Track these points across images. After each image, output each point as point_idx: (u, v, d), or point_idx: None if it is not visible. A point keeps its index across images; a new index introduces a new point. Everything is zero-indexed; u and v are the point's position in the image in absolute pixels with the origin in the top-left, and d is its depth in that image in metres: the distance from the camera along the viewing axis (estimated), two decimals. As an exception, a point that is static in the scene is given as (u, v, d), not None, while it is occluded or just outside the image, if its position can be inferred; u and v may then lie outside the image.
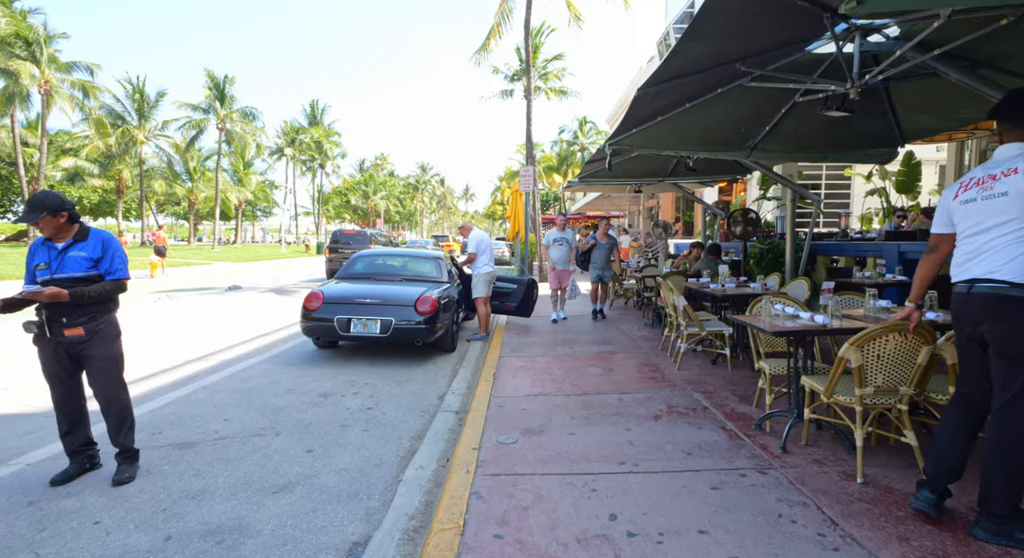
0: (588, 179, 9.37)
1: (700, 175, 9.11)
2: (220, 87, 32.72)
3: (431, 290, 6.55)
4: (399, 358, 6.45)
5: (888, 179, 13.55)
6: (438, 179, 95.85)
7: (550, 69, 28.11)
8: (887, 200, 13.56)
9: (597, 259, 8.72)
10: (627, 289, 10.29)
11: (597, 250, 8.71)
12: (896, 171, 13.21)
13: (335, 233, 18.13)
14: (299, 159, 49.44)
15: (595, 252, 8.73)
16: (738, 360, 5.43)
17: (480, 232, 7.80)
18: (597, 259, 8.72)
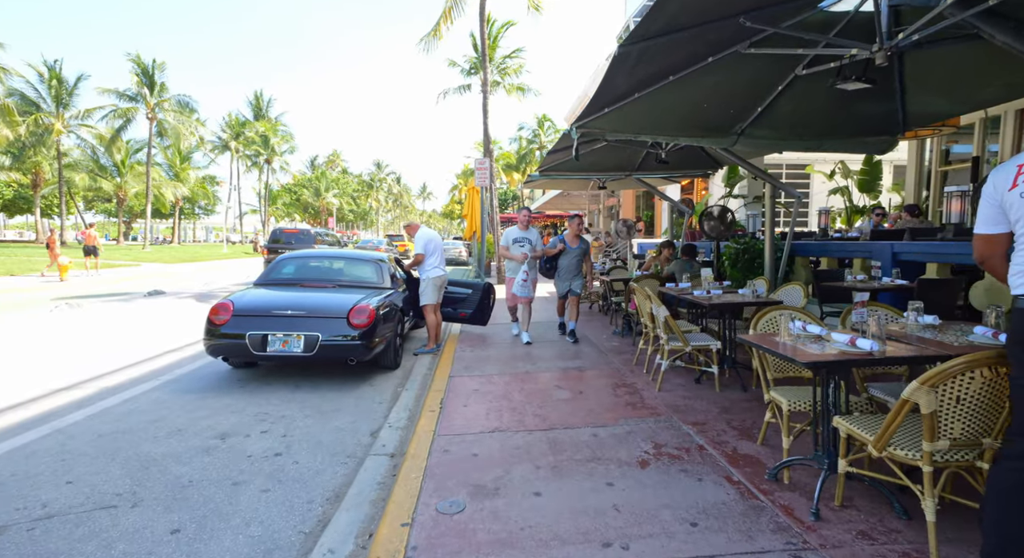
0: (550, 173, 8.57)
1: (670, 169, 8.47)
2: (149, 73, 30.04)
3: (369, 298, 5.55)
4: (329, 379, 5.42)
5: (850, 178, 13.42)
6: (394, 177, 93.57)
7: (508, 64, 27.24)
8: (849, 199, 13.42)
9: (566, 267, 6.90)
10: (591, 293, 9.55)
11: (566, 256, 6.90)
12: (858, 170, 13.07)
13: (275, 232, 16.68)
14: (244, 154, 46.64)
15: (563, 259, 6.91)
16: (725, 377, 4.71)
17: (428, 231, 6.84)
18: (566, 267, 6.90)
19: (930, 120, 4.59)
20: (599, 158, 7.80)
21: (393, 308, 5.90)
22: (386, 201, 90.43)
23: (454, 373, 5.40)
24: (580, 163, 8.21)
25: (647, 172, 8.54)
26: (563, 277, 6.96)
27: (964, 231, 4.77)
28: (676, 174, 8.64)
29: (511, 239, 6.91)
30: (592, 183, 11.48)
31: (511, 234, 6.98)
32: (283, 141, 48.87)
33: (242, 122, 47.42)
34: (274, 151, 47.97)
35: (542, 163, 7.83)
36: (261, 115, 48.65)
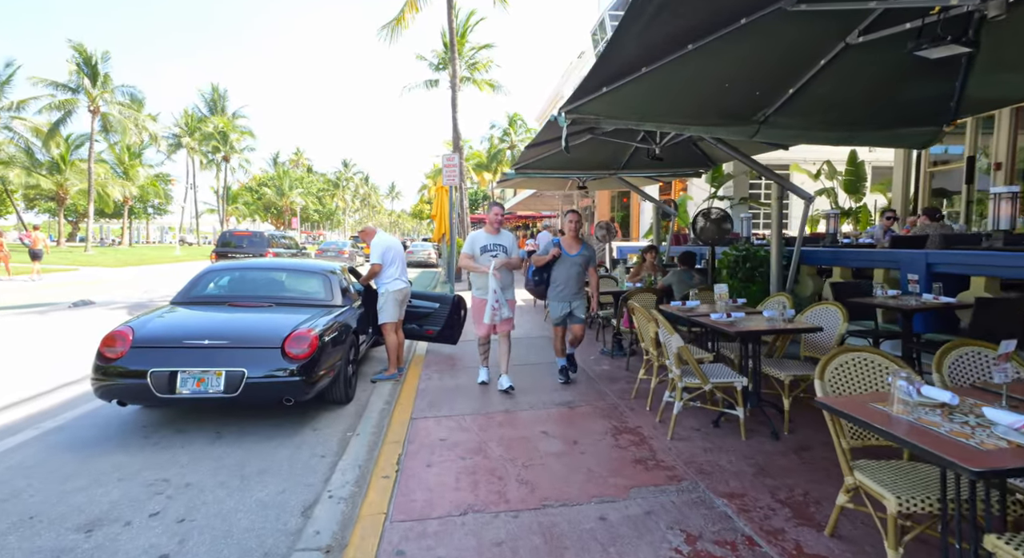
0: (526, 171, 7.66)
1: (659, 168, 7.68)
2: (92, 63, 27.74)
3: (313, 320, 4.53)
4: (261, 422, 4.37)
5: (836, 178, 12.97)
6: (362, 177, 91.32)
7: (478, 59, 26.27)
8: (835, 201, 12.97)
9: (563, 282, 5.01)
10: None
11: (563, 266, 5.03)
12: (844, 171, 12.63)
13: (223, 235, 15.29)
14: (200, 151, 44.14)
15: (559, 269, 5.04)
16: (748, 418, 3.88)
17: (386, 237, 5.84)
18: (563, 282, 5.01)
19: (990, 106, 3.90)
20: (582, 155, 6.94)
21: (344, 330, 4.89)
22: (353, 201, 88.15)
23: (417, 413, 4.42)
24: (560, 160, 7.34)
25: (633, 171, 7.74)
26: (559, 295, 5.00)
27: (1017, 239, 4.08)
28: (666, 173, 7.87)
29: (477, 246, 5.02)
30: (570, 183, 10.65)
31: (477, 240, 5.07)
32: (242, 137, 46.51)
33: (198, 118, 44.93)
34: (233, 148, 45.62)
35: (519, 159, 6.93)
36: (218, 110, 46.21)
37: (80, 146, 32.46)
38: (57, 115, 28.05)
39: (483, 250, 5.01)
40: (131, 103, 31.64)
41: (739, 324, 3.57)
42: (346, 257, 25.21)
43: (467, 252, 5.06)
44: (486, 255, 4.99)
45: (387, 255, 5.75)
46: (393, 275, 5.79)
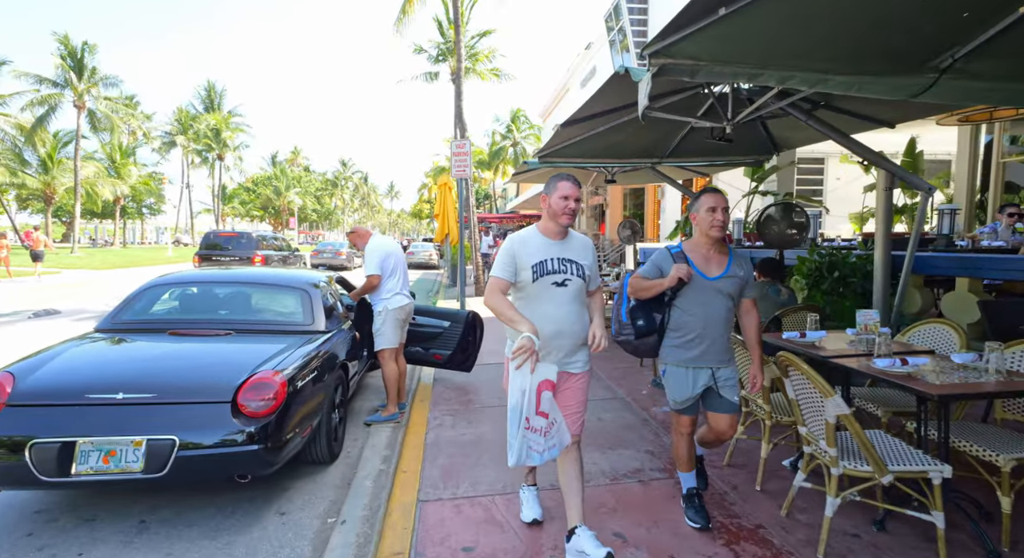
0: (552, 159, 6.39)
1: (713, 155, 6.42)
2: (77, 56, 26.40)
3: (282, 356, 3.29)
4: (206, 505, 3.11)
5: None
6: (360, 176, 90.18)
7: (480, 48, 24.98)
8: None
9: (697, 326, 2.57)
10: None
11: (695, 299, 2.58)
12: (900, 162, 11.36)
13: (207, 235, 14.02)
14: (194, 149, 42.81)
15: (688, 305, 2.59)
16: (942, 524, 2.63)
17: (383, 241, 4.59)
18: (697, 326, 2.57)
19: None
20: (622, 138, 5.68)
21: (327, 366, 3.64)
22: (352, 200, 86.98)
23: (426, 489, 3.15)
24: (594, 146, 6.08)
25: (681, 159, 6.47)
26: (690, 354, 2.59)
27: None
28: (719, 162, 6.60)
29: (524, 262, 2.42)
30: (594, 176, 9.40)
31: (524, 249, 2.45)
32: (236, 134, 45.12)
33: (192, 116, 43.62)
34: (226, 146, 44.27)
35: (545, 145, 5.66)
36: (213, 108, 44.91)
37: (68, 144, 31.16)
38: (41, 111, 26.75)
39: (538, 273, 2.40)
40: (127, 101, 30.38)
41: (948, 386, 2.28)
42: (343, 258, 23.97)
43: (501, 275, 2.41)
44: (544, 283, 2.41)
45: (386, 264, 4.50)
46: (393, 289, 4.54)
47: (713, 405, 2.62)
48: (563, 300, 2.42)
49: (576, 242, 2.55)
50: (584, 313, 2.50)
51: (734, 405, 2.60)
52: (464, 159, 6.55)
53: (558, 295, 2.42)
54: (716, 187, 2.51)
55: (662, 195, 15.75)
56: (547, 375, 2.24)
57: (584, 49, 27.88)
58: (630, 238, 10.54)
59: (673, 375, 2.64)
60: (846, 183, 15.41)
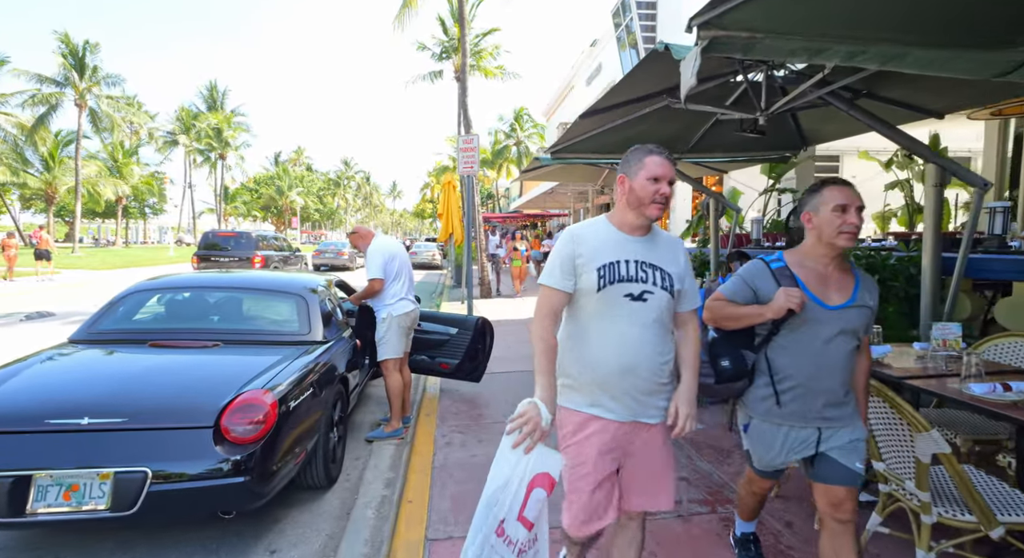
0: (565, 155, 6.03)
1: (735, 151, 6.05)
2: (79, 54, 26.12)
3: (275, 371, 2.94)
4: (185, 540, 2.75)
5: (909, 169, 11.30)
6: (363, 176, 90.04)
7: (484, 46, 24.64)
8: (910, 195, 11.31)
9: (806, 371, 1.84)
10: None
11: (807, 333, 1.84)
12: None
13: (206, 235, 13.69)
14: (196, 149, 42.52)
15: (797, 343, 1.86)
16: None
17: (386, 242, 4.24)
18: (806, 371, 1.84)
19: None
20: (645, 131, 5.31)
21: (325, 380, 3.28)
22: (354, 200, 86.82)
23: (435, 525, 2.79)
24: (611, 140, 5.72)
25: (702, 155, 6.10)
26: (793, 406, 1.87)
27: None
28: (741, 158, 6.22)
29: (596, 262, 1.73)
30: (605, 174, 9.03)
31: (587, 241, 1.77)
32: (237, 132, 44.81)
33: (194, 114, 43.36)
34: (227, 145, 44.00)
35: (561, 138, 5.29)
36: (215, 107, 44.65)
37: (69, 143, 30.91)
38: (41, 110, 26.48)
39: (607, 278, 1.72)
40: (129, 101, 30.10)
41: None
42: (345, 259, 23.65)
43: (555, 284, 1.76)
44: (614, 294, 1.73)
45: (390, 266, 4.15)
46: (398, 293, 4.19)
47: (824, 473, 1.81)
48: (640, 320, 1.70)
49: (662, 241, 1.82)
50: (669, 342, 1.78)
51: (856, 475, 1.78)
52: (472, 155, 6.19)
53: (633, 313, 1.70)
54: (843, 179, 1.88)
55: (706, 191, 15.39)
56: (548, 467, 1.57)
57: (589, 46, 27.52)
58: (642, 238, 10.18)
59: (760, 433, 1.91)
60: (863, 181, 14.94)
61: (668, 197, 1.74)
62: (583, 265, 1.72)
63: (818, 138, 5.80)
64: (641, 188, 1.72)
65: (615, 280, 1.70)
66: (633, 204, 1.74)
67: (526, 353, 6.61)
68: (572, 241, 1.75)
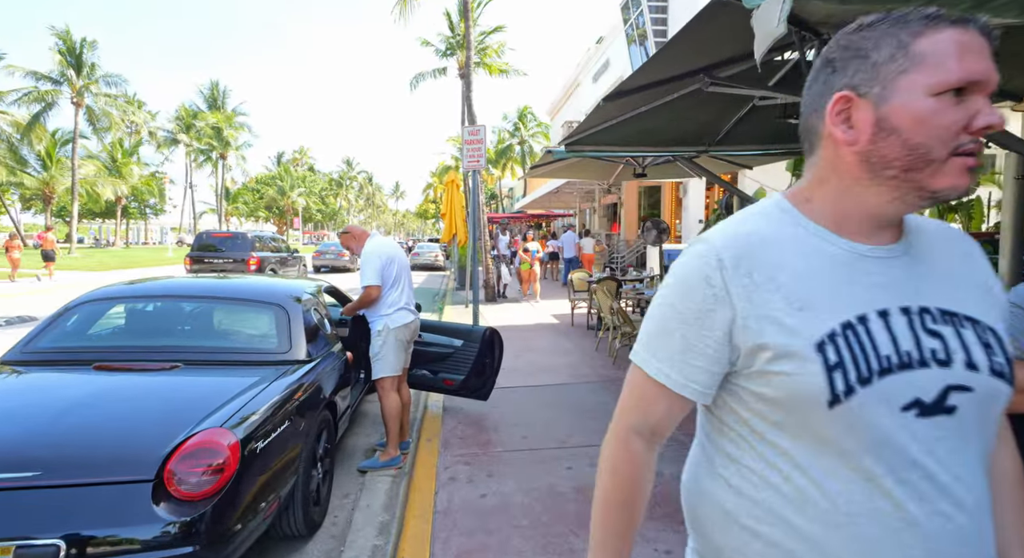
0: (580, 148, 5.48)
1: (767, 143, 5.50)
2: (76, 52, 25.66)
3: (238, 402, 2.40)
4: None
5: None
6: (365, 176, 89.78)
7: (489, 43, 24.13)
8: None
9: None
10: None
11: None
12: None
13: (200, 236, 13.20)
14: (196, 148, 42.07)
15: None
16: None
17: (382, 243, 3.70)
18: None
19: None
20: (671, 121, 4.77)
21: (307, 407, 2.75)
22: (357, 200, 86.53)
23: (438, 593, 2.25)
24: (629, 134, 5.18)
25: (732, 148, 5.55)
26: None
27: None
28: (776, 150, 5.66)
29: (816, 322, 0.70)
30: (619, 171, 8.49)
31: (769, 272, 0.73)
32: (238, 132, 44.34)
33: (194, 113, 42.94)
34: (228, 145, 43.58)
35: (579, 126, 4.74)
36: (217, 106, 44.24)
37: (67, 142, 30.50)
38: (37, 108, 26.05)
39: (857, 368, 0.68)
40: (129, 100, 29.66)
41: None
42: (346, 259, 23.14)
43: (666, 377, 0.78)
44: (880, 405, 0.67)
45: (387, 271, 3.62)
46: (396, 302, 3.65)
47: None
48: (949, 470, 0.69)
49: (939, 248, 0.79)
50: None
51: None
52: (478, 148, 5.65)
53: (928, 450, 0.68)
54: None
55: (684, 193, 14.80)
56: None
57: (595, 43, 26.96)
58: (657, 239, 9.60)
59: None
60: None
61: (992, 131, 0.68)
62: (769, 336, 0.72)
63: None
64: (922, 114, 0.67)
65: (874, 371, 0.68)
66: (887, 164, 0.70)
67: (540, 364, 6.06)
68: (721, 267, 0.74)
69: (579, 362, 6.21)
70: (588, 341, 7.42)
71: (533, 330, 8.33)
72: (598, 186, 21.36)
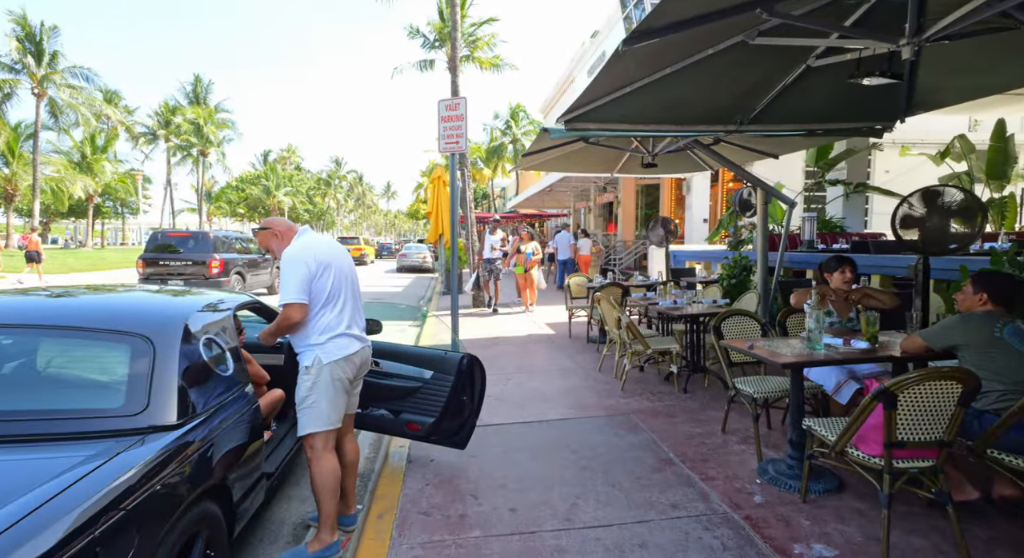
0: (582, 125, 4.43)
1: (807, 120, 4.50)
2: (35, 38, 24.08)
3: (15, 511, 1.29)
4: None
5: (967, 159, 9.78)
6: (355, 175, 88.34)
7: (480, 35, 23.03)
8: (970, 190, 9.77)
9: None
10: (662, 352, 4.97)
11: None
12: (989, 147, 9.42)
13: (154, 236, 12.02)
14: (176, 145, 40.39)
15: None
16: None
17: (313, 243, 2.65)
18: None
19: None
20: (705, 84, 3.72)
21: (165, 503, 1.66)
22: (346, 200, 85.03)
23: None
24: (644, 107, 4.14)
25: (767, 127, 4.52)
26: None
27: None
28: (819, 129, 4.62)
29: None
30: (623, 160, 7.46)
31: None
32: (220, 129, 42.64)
33: (172, 108, 41.29)
34: (209, 142, 41.95)
35: (587, 90, 3.66)
36: (199, 101, 42.62)
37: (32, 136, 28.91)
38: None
39: None
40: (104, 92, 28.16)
41: None
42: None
43: None
44: None
45: (319, 284, 2.57)
46: (331, 326, 2.61)
47: None
48: None
49: None
50: None
51: None
52: (458, 126, 4.56)
53: None
54: None
55: (687, 190, 13.80)
56: None
57: (590, 38, 25.98)
58: (664, 239, 8.56)
59: None
60: (895, 177, 13.37)
61: None
62: None
63: (929, 102, 4.22)
64: None
65: None
66: None
67: (533, 391, 4.99)
68: None
69: (581, 386, 5.15)
70: (589, 357, 6.37)
71: (525, 345, 7.27)
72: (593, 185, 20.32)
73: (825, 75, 3.66)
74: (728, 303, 5.25)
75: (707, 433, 3.87)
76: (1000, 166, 8.86)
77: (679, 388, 4.89)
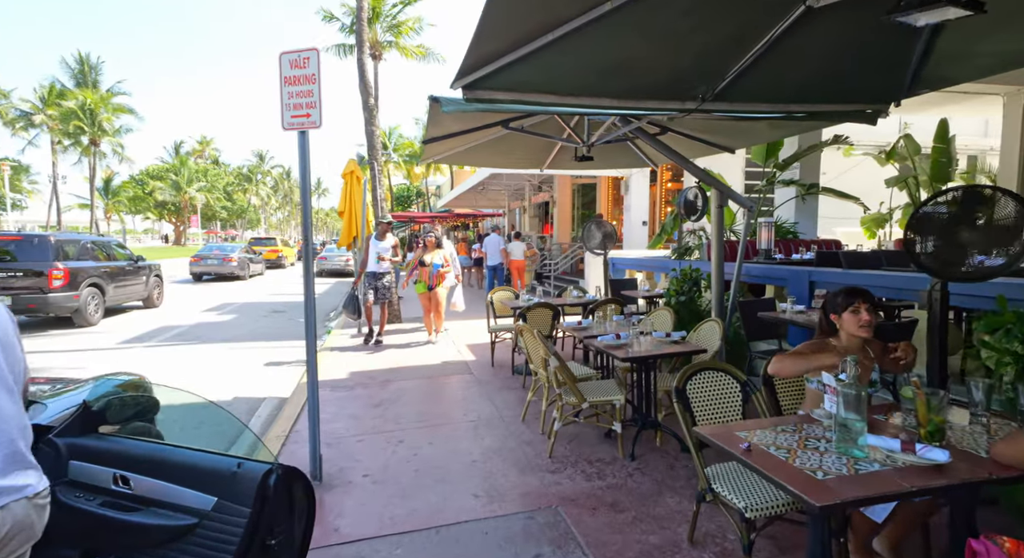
0: (487, 94, 3.10)
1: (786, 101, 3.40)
2: None
3: None
4: None
5: (911, 160, 9.32)
6: (281, 171, 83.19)
7: (403, 18, 21.27)
8: (916, 191, 9.33)
9: None
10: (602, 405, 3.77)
11: None
12: (932, 149, 8.98)
13: (-30, 240, 9.56)
14: (60, 131, 35.49)
15: None
16: None
17: None
18: None
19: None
20: (656, 41, 2.49)
21: None
22: (271, 197, 79.81)
23: None
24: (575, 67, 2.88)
25: (736, 106, 3.36)
26: None
27: None
28: (797, 113, 3.52)
29: None
30: (553, 154, 6.24)
31: None
32: (115, 114, 37.94)
33: (59, 91, 36.37)
34: (102, 130, 37.28)
35: (480, 29, 2.33)
36: (88, 84, 37.76)
37: None
38: None
39: None
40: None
41: None
42: (234, 266, 19.52)
43: None
44: None
45: None
46: None
47: None
48: None
49: None
50: None
51: None
52: (310, 91, 3.04)
53: None
54: None
55: (625, 189, 12.86)
56: None
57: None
58: (601, 244, 7.39)
59: None
60: (833, 177, 13.03)
61: None
62: None
63: (941, 77, 3.19)
64: None
65: None
66: None
67: (435, 463, 3.53)
68: None
69: (497, 450, 3.82)
70: (513, 397, 5.07)
71: (433, 380, 5.86)
72: (528, 183, 19.20)
73: (826, 23, 2.53)
74: (684, 337, 4.08)
75: (668, 544, 2.64)
76: (944, 168, 8.42)
77: (624, 454, 3.67)
